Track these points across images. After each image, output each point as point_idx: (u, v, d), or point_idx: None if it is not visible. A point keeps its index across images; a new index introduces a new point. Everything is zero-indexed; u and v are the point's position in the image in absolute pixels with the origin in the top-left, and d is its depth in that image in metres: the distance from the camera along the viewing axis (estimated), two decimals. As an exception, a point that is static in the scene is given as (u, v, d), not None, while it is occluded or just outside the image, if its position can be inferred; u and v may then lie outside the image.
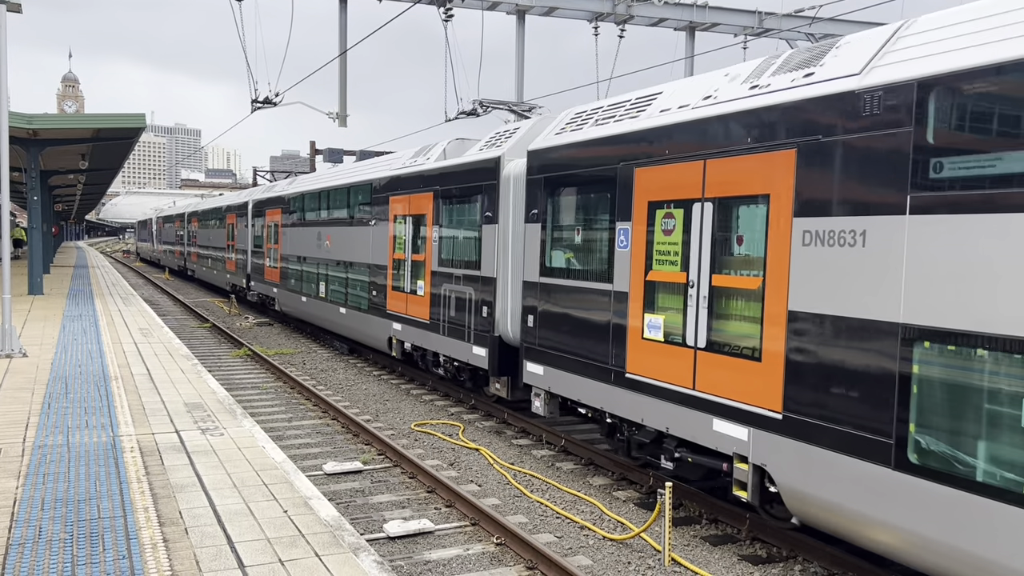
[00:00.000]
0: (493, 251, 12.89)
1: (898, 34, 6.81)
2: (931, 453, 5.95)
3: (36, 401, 10.68)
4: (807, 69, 7.48)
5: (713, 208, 8.19)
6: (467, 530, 8.66)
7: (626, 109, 9.97)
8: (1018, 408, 5.42)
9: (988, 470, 5.58)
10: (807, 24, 23.97)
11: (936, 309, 5.94)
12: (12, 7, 14.40)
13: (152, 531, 6.18)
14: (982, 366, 5.67)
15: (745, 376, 7.73)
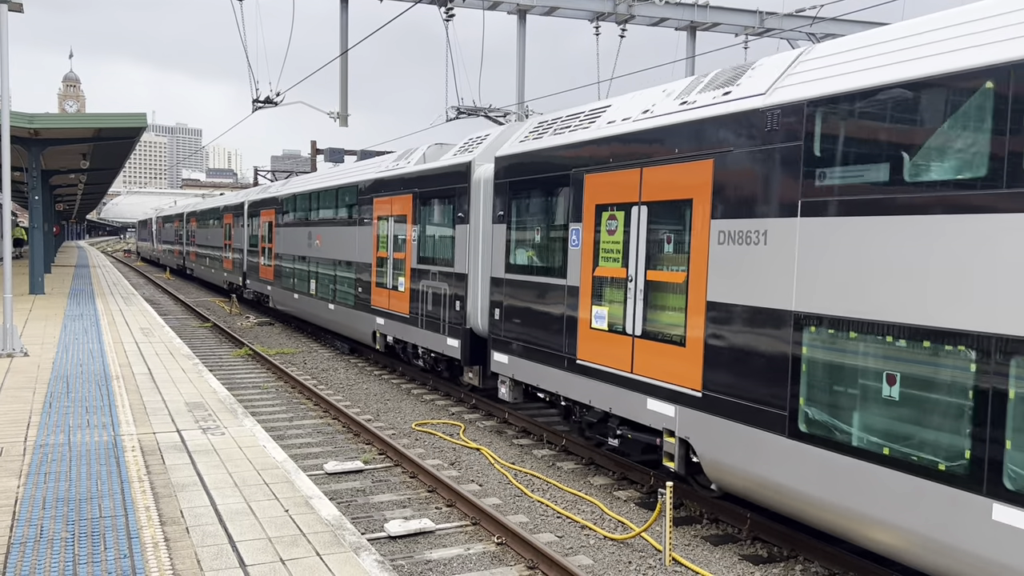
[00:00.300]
0: (465, 249, 13.79)
1: (800, 59, 7.79)
2: (816, 423, 7.00)
3: (37, 400, 10.69)
4: (726, 88, 8.45)
5: (647, 211, 9.23)
6: (468, 530, 8.66)
7: (579, 120, 10.91)
8: (881, 382, 6.42)
9: (860, 436, 6.59)
10: (808, 24, 23.96)
11: (819, 298, 6.97)
12: (13, 7, 14.40)
13: (153, 530, 6.19)
14: (855, 347, 6.66)
15: (673, 360, 8.73)
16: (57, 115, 24.66)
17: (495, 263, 12.67)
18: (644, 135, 9.27)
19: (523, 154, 11.82)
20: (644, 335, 9.20)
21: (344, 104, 22.33)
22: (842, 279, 6.76)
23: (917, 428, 6.16)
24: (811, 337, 7.05)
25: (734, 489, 8.05)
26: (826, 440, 6.84)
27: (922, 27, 6.61)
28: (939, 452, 5.97)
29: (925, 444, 6.10)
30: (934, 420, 6.04)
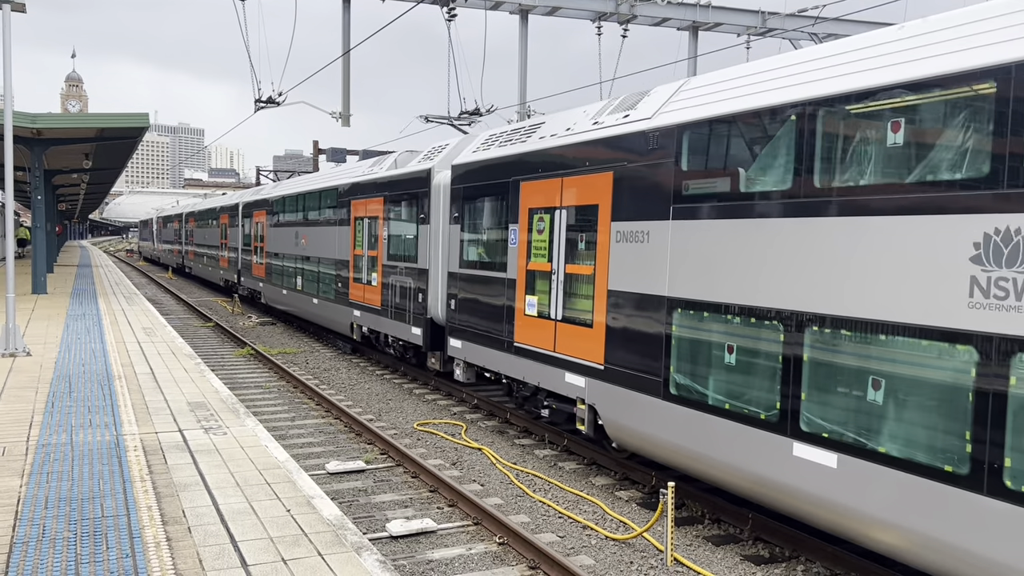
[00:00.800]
0: (426, 247, 15.29)
1: (681, 88, 9.31)
2: (681, 386, 8.62)
3: (40, 400, 10.70)
4: (626, 111, 9.91)
5: (566, 214, 10.78)
6: (470, 530, 8.66)
7: (520, 135, 12.47)
8: (723, 352, 8.08)
9: (711, 395, 8.22)
10: (810, 24, 23.94)
11: (684, 286, 8.62)
12: (16, 6, 14.42)
13: (155, 530, 6.20)
14: (707, 324, 8.30)
15: (583, 340, 10.36)
16: (60, 115, 24.68)
17: (451, 259, 14.27)
18: (564, 150, 10.88)
19: (474, 163, 13.42)
20: (564, 319, 10.86)
21: (346, 104, 22.34)
22: (699, 270, 8.42)
23: (746, 388, 7.82)
24: (678, 317, 8.70)
25: (628, 445, 9.70)
26: (688, 400, 8.51)
27: (759, 67, 8.30)
28: (760, 405, 7.60)
29: (751, 400, 7.73)
30: (756, 381, 7.67)
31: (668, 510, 7.77)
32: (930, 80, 6.25)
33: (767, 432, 7.49)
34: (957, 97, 6.05)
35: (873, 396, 6.59)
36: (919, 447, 6.21)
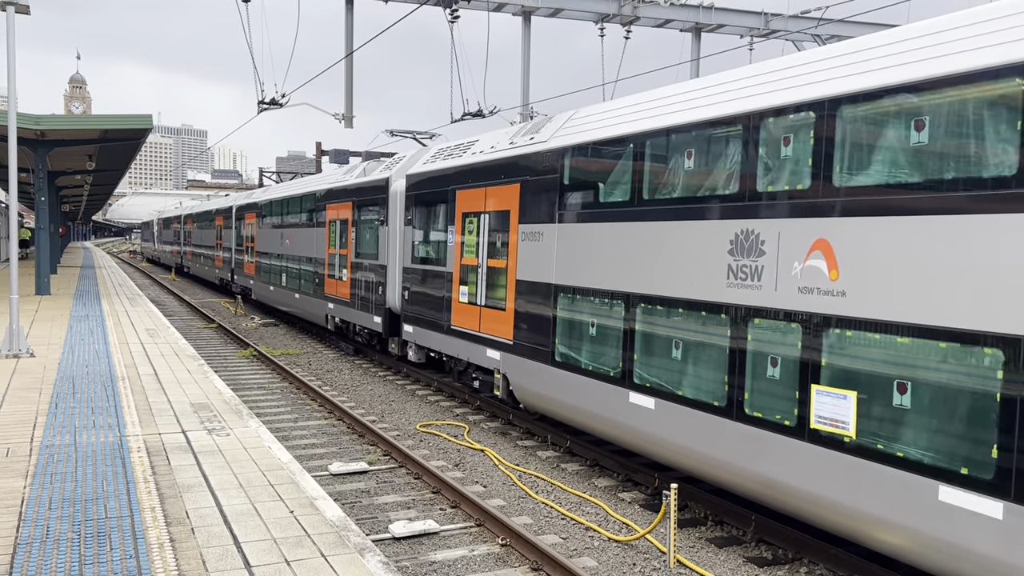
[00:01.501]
0: (386, 246, 17.46)
1: (571, 117, 11.54)
2: (563, 355, 10.88)
3: (43, 401, 10.72)
4: (532, 135, 12.19)
5: (489, 218, 13.02)
6: (472, 531, 8.66)
7: (459, 150, 14.66)
8: (590, 327, 10.29)
9: (582, 361, 10.46)
10: (814, 25, 23.92)
11: (565, 275, 10.84)
12: (20, 8, 14.45)
13: (159, 531, 6.21)
14: (579, 305, 10.54)
15: (499, 321, 12.60)
16: (63, 116, 24.73)
17: (404, 256, 16.58)
18: (487, 164, 13.14)
19: (422, 174, 15.75)
20: (486, 305, 13.11)
21: (349, 105, 22.34)
22: (574, 263, 10.63)
23: (602, 353, 10.07)
24: (561, 300, 10.96)
25: (530, 405, 12.04)
26: (567, 365, 10.79)
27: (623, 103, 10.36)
28: (610, 366, 9.90)
29: (605, 362, 9.98)
30: (607, 349, 9.97)
31: (671, 512, 7.77)
32: (696, 124, 8.73)
33: (614, 385, 9.83)
34: (720, 140, 8.40)
35: (675, 355, 8.91)
36: (701, 391, 8.46)
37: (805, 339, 7.26)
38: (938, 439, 6.11)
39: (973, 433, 5.87)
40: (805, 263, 7.31)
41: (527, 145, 11.95)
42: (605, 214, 10.05)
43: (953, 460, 5.98)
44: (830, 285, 7.06)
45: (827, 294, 7.08)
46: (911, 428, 6.34)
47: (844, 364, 6.91)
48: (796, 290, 7.39)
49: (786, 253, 7.51)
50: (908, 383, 6.38)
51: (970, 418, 5.89)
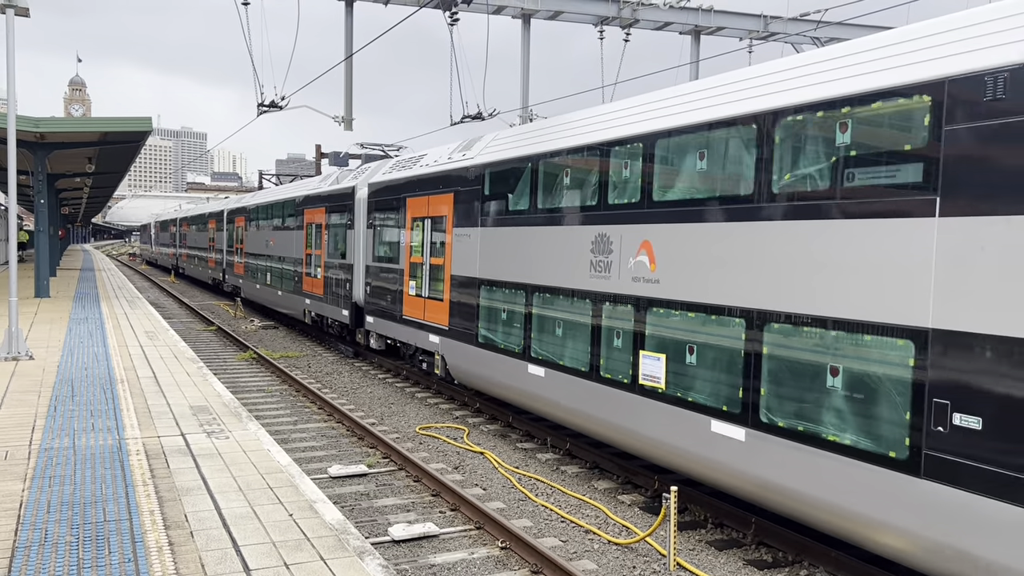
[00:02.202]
0: (353, 246, 19.51)
1: (495, 138, 13.61)
2: (484, 336, 13.02)
3: (42, 404, 10.70)
4: (465, 151, 14.31)
5: (431, 222, 15.15)
6: (472, 534, 8.65)
7: (411, 163, 17.07)
8: (504, 312, 12.35)
9: (498, 342, 12.55)
10: (813, 28, 23.93)
11: (487, 270, 12.91)
12: (20, 11, 14.45)
13: (158, 534, 6.19)
14: (496, 295, 12.64)
15: (438, 311, 14.74)
16: (63, 119, 24.71)
17: (367, 255, 18.72)
18: (430, 176, 15.32)
19: (381, 183, 18.00)
20: (429, 297, 15.21)
21: (348, 108, 22.32)
22: (493, 260, 12.79)
23: (510, 334, 12.27)
24: (483, 291, 13.04)
25: (463, 380, 14.09)
26: (487, 345, 12.92)
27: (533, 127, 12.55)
28: (516, 344, 12.05)
29: (512, 342, 12.15)
30: (513, 331, 12.15)
31: (671, 514, 7.75)
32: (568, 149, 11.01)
33: (518, 360, 12.04)
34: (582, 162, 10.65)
35: (557, 333, 11.05)
36: (574, 361, 10.62)
37: (635, 317, 9.51)
38: (710, 387, 8.34)
39: (729, 381, 8.10)
40: (636, 258, 9.56)
41: (459, 161, 14.20)
42: (512, 220, 12.34)
43: (719, 402, 8.20)
44: (651, 275, 9.31)
45: (649, 282, 9.32)
46: (696, 380, 8.55)
47: (658, 334, 9.15)
48: (630, 279, 9.62)
49: (625, 251, 9.73)
50: (694, 347, 8.61)
51: (728, 370, 8.10)
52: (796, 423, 7.36)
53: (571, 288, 10.73)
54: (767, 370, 7.68)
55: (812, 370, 7.24)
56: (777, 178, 7.66)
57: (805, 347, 7.32)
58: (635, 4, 23.23)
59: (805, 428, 7.27)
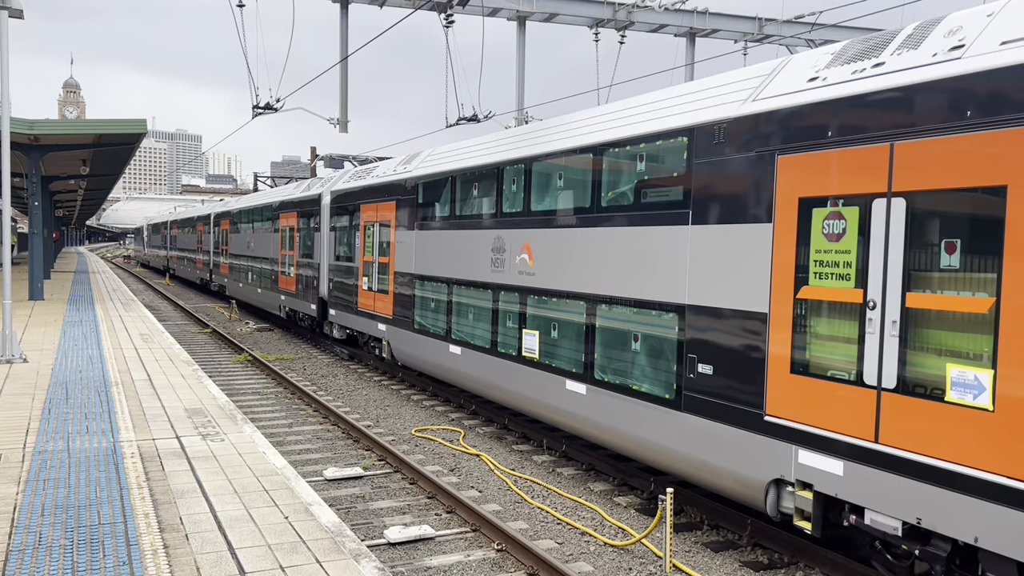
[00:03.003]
0: (320, 247, 21.71)
1: (429, 155, 15.92)
2: (417, 322, 15.27)
3: (36, 407, 10.67)
4: (406, 165, 16.65)
5: (379, 226, 17.49)
6: (468, 536, 8.64)
7: (365, 173, 19.38)
8: (430, 300, 14.77)
9: (428, 326, 14.80)
10: (807, 30, 23.98)
11: (421, 267, 15.12)
12: (14, 13, 14.42)
13: (152, 537, 6.17)
14: (427, 288, 14.93)
15: (385, 302, 17.04)
16: (57, 121, 24.64)
17: (330, 255, 20.85)
18: (379, 185, 17.60)
19: (341, 190, 20.24)
20: (377, 290, 17.52)
21: (344, 110, 22.30)
22: (426, 258, 15.03)
23: (436, 319, 14.50)
24: (417, 285, 15.36)
25: (403, 361, 16.43)
26: (420, 330, 15.25)
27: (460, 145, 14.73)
28: (440, 328, 14.24)
29: (438, 326, 14.37)
30: (439, 317, 14.35)
31: (667, 516, 7.75)
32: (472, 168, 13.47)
33: (442, 341, 14.28)
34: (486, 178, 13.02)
35: (469, 318, 13.43)
36: (481, 339, 12.95)
37: (519, 303, 11.89)
38: (565, 355, 10.74)
39: (575, 349, 10.49)
40: (520, 256, 11.88)
41: (401, 173, 16.57)
42: (438, 224, 14.62)
43: (570, 366, 10.57)
44: (530, 270, 11.63)
45: (528, 275, 11.65)
46: (557, 350, 10.95)
47: (534, 316, 11.54)
48: (517, 273, 11.97)
49: (513, 250, 12.10)
50: (556, 324, 10.99)
51: (575, 341, 10.49)
52: (615, 378, 9.72)
53: (478, 281, 13.13)
54: (598, 340, 10.06)
55: (624, 338, 9.61)
56: (603, 194, 10.07)
57: (620, 321, 9.69)
58: (630, 6, 23.27)
59: (620, 382, 9.61)
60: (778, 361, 7.43)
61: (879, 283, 6.61)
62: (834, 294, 6.99)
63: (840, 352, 6.89)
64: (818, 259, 7.17)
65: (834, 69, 7.40)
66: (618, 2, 23.49)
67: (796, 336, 7.29)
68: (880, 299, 6.59)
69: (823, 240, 7.13)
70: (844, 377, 6.85)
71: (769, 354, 7.52)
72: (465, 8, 21.49)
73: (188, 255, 47.30)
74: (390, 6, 21.95)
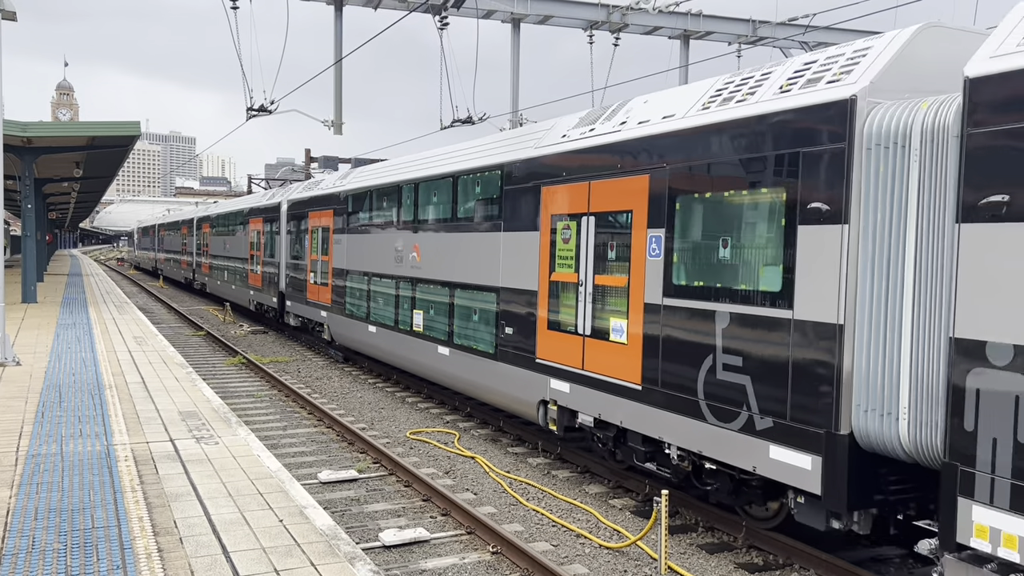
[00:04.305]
0: (279, 248, 25.14)
1: (357, 174, 19.40)
2: (349, 309, 18.70)
3: (30, 410, 10.63)
4: (342, 180, 19.82)
5: (322, 230, 20.69)
6: (463, 539, 8.63)
7: (312, 185, 22.76)
8: (356, 291, 18.39)
9: (355, 312, 18.34)
10: (801, 32, 24.05)
11: (350, 262, 18.66)
12: (7, 15, 14.37)
13: (147, 541, 6.15)
14: (354, 280, 18.49)
15: (325, 293, 20.29)
16: (50, 123, 24.57)
17: (287, 255, 24.24)
18: (321, 196, 20.99)
19: (294, 200, 23.59)
20: (319, 284, 20.85)
21: (338, 112, 22.31)
22: (352, 256, 18.28)
23: (360, 307, 17.89)
24: (347, 278, 18.65)
25: (340, 343, 19.58)
26: (350, 316, 18.43)
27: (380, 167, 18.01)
28: (362, 312, 17.74)
29: (361, 311, 17.81)
30: (361, 304, 17.81)
31: (662, 518, 7.76)
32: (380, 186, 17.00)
33: (364, 323, 17.65)
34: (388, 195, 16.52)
35: (381, 303, 16.68)
36: (389, 320, 16.18)
37: (412, 290, 15.26)
38: (437, 327, 14.12)
39: (443, 323, 13.90)
40: (412, 254, 15.30)
41: (338, 187, 19.88)
42: (361, 229, 18.03)
43: (440, 335, 14.01)
44: (418, 264, 15.01)
45: (417, 268, 15.06)
46: (434, 324, 14.31)
47: (420, 299, 14.89)
48: (410, 267, 15.34)
49: (407, 249, 15.49)
50: (432, 305, 14.39)
51: (443, 317, 13.89)
52: (465, 342, 13.25)
53: (385, 274, 16.53)
54: (456, 315, 13.53)
55: (469, 312, 13.15)
56: (458, 208, 13.57)
57: (467, 300, 13.21)
58: (624, 9, 23.30)
59: (467, 344, 13.18)
60: (542, 321, 11.07)
61: (584, 269, 10.17)
62: (566, 277, 10.57)
63: (568, 314, 10.51)
64: (559, 255, 10.73)
65: (574, 130, 10.81)
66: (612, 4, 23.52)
67: (551, 305, 10.88)
68: (584, 279, 10.17)
69: (562, 242, 10.67)
70: (570, 329, 10.46)
71: (538, 317, 11.16)
72: (459, 10, 21.50)
73: (174, 256, 51.64)
74: (384, 8, 21.96)
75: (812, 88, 7.25)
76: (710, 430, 8.14)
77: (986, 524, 5.63)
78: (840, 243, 6.84)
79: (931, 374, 6.27)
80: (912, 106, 6.50)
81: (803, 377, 7.13)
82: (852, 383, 6.79)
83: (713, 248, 8.15)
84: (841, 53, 7.51)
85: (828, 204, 6.94)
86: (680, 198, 8.57)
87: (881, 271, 6.62)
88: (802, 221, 7.18)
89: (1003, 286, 5.52)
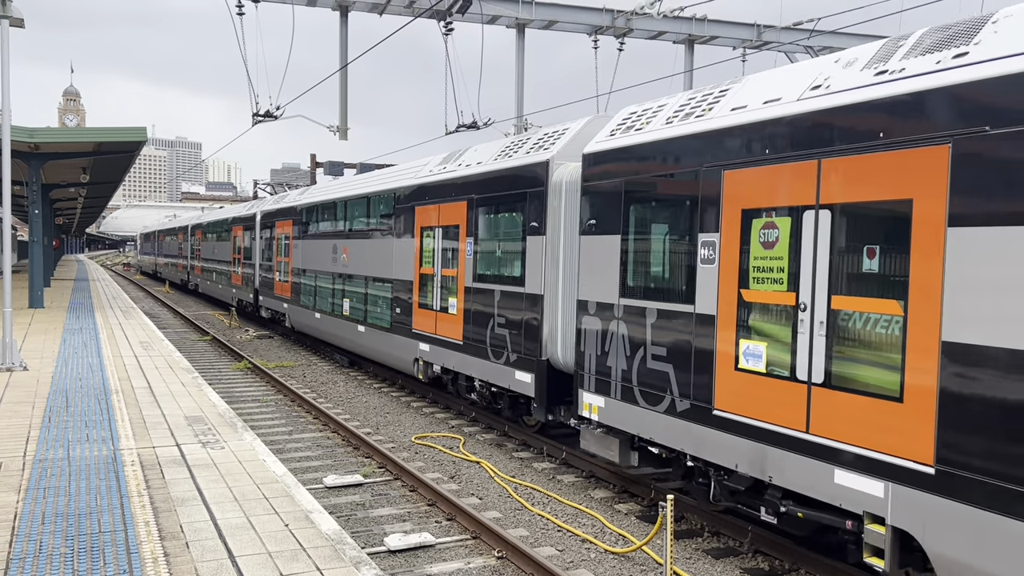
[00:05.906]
0: (254, 252, 29.25)
1: (310, 190, 24.82)
2: (303, 301, 23.22)
3: (37, 415, 10.67)
4: (301, 194, 25.06)
5: (284, 238, 25.28)
6: (468, 543, 8.63)
7: (280, 198, 26.87)
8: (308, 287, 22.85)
9: (307, 303, 22.80)
10: (806, 37, 24.04)
11: (304, 263, 23.15)
12: (15, 22, 14.46)
13: (153, 545, 6.17)
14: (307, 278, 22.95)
15: (286, 290, 24.91)
16: (57, 129, 24.69)
17: (260, 258, 28.21)
18: (284, 208, 25.04)
19: (267, 211, 27.64)
20: (283, 281, 24.79)
21: (344, 118, 22.36)
22: (306, 257, 22.85)
23: (310, 298, 22.42)
24: (303, 276, 23.05)
25: (297, 327, 24.06)
26: (303, 306, 22.92)
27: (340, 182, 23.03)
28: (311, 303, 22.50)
29: (310, 302, 22.40)
30: (310, 296, 22.45)
31: (667, 523, 7.75)
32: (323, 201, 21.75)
33: (312, 311, 21.95)
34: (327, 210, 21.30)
35: (323, 295, 21.15)
36: (328, 307, 20.70)
37: (343, 283, 19.31)
38: (359, 311, 18.43)
39: (361, 307, 18.23)
40: (342, 255, 19.38)
41: (295, 201, 24.17)
42: (311, 236, 22.00)
43: (360, 317, 18.29)
44: (347, 263, 19.13)
45: (345, 266, 19.13)
46: (355, 307, 18.60)
47: (348, 290, 18.98)
48: (342, 265, 19.32)
49: (340, 251, 19.59)
50: (355, 294, 18.61)
51: (360, 302, 18.36)
52: (376, 320, 17.25)
53: (326, 271, 20.78)
54: (369, 301, 17.44)
55: (376, 298, 17.20)
56: (369, 220, 17.88)
57: (374, 290, 17.42)
58: (629, 14, 23.32)
59: (378, 323, 17.16)
60: (415, 303, 15.34)
61: (436, 265, 14.60)
62: (428, 271, 14.82)
63: (428, 296, 14.82)
64: (424, 255, 15.07)
65: (437, 167, 15.06)
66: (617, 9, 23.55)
67: (420, 291, 15.16)
68: (436, 272, 14.55)
69: (428, 247, 14.94)
70: (429, 306, 14.85)
71: (413, 300, 15.42)
72: (464, 16, 21.54)
73: (172, 260, 57.41)
74: (390, 14, 22.01)
75: (530, 153, 12.00)
76: (492, 366, 12.67)
77: (588, 402, 10.15)
78: (542, 247, 11.38)
79: (571, 322, 10.92)
80: (571, 167, 10.96)
81: (528, 327, 11.72)
82: (545, 329, 11.33)
83: (494, 250, 12.81)
84: (553, 131, 12.03)
85: (537, 223, 11.53)
86: (474, 215, 13.52)
87: (556, 262, 11.22)
88: (528, 233, 11.78)
89: (593, 270, 9.95)
